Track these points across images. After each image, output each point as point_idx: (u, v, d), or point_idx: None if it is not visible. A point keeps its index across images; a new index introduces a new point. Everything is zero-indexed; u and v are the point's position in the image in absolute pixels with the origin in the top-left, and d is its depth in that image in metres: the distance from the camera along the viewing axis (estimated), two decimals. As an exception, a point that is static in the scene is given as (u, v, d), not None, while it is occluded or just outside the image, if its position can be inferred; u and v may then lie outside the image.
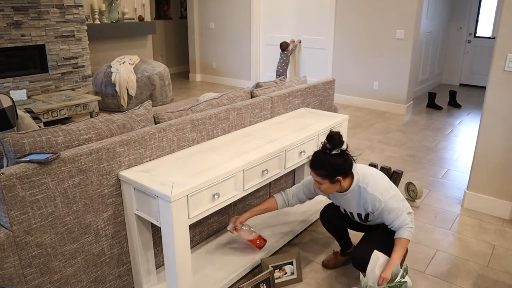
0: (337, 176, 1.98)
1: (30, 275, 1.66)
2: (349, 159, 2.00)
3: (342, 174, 1.99)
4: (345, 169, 1.99)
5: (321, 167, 1.98)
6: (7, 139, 1.64)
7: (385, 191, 2.03)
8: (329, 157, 1.96)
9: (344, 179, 2.02)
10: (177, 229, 1.72)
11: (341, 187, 2.04)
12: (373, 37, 5.75)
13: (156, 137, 2.01)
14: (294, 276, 2.30)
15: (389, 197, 2.02)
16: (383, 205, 2.01)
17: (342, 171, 1.98)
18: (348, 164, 1.99)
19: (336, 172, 1.97)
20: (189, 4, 7.66)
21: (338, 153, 1.97)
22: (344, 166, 1.97)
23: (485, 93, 2.88)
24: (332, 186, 2.02)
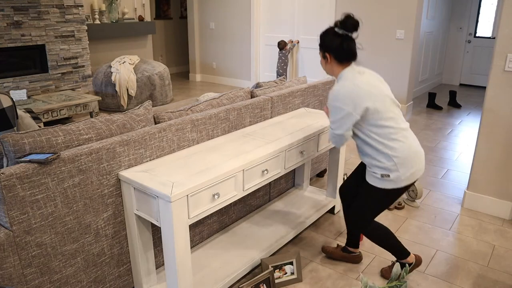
0: (326, 51, 1.99)
1: (30, 275, 1.66)
2: (347, 45, 1.94)
3: (332, 53, 1.97)
4: (337, 49, 1.95)
5: (320, 38, 2.02)
6: (7, 139, 1.64)
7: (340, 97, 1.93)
8: (331, 32, 1.96)
9: (334, 61, 2.00)
10: (177, 229, 1.72)
11: (332, 70, 2.04)
12: (373, 37, 5.75)
13: (156, 137, 2.01)
14: (294, 276, 2.30)
15: (335, 104, 1.95)
16: (328, 103, 2.00)
17: (333, 49, 1.95)
18: (343, 48, 1.94)
19: (327, 48, 1.98)
20: (189, 4, 7.66)
21: (340, 33, 1.94)
22: (337, 46, 1.94)
23: (485, 93, 2.88)
24: (323, 61, 2.05)
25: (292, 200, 3.00)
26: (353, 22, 1.91)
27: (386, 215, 3.05)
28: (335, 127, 1.98)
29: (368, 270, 2.43)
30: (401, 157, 1.96)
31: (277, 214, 2.80)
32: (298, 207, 2.91)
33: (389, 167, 1.98)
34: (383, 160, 1.98)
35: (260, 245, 2.45)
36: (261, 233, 2.58)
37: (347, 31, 1.94)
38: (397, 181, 1.99)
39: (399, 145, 1.96)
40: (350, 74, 1.96)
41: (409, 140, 2.00)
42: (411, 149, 1.99)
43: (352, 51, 1.96)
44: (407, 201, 3.23)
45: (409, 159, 1.98)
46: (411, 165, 1.99)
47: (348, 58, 1.98)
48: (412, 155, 1.99)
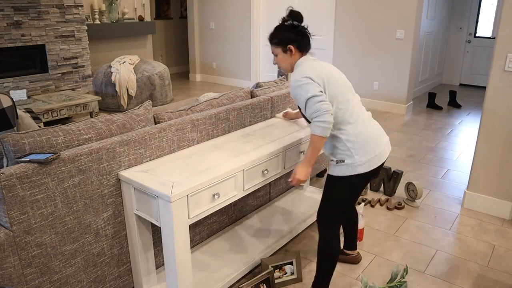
0: (289, 44, 1.97)
1: (30, 275, 1.66)
2: (303, 34, 1.98)
3: (294, 43, 1.97)
4: (298, 40, 1.97)
5: (275, 36, 2.00)
6: (7, 139, 1.64)
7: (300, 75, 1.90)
8: (284, 26, 1.99)
9: (296, 52, 1.99)
10: (177, 229, 1.72)
11: (291, 62, 2.01)
12: (373, 37, 5.75)
13: (156, 137, 2.01)
14: (294, 276, 2.30)
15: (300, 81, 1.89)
16: (293, 92, 1.93)
17: (294, 40, 1.96)
18: (302, 37, 1.97)
19: (288, 40, 1.97)
20: (189, 4, 7.66)
21: (294, 25, 1.98)
22: (296, 36, 1.97)
23: (485, 93, 2.88)
24: (286, 56, 2.00)
25: (292, 200, 3.00)
26: (298, 14, 1.99)
27: (386, 215, 3.05)
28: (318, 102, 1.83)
29: (368, 270, 2.43)
30: (355, 141, 1.90)
31: (277, 214, 2.80)
32: (298, 207, 2.91)
33: (344, 153, 1.92)
34: (338, 145, 1.93)
35: (260, 245, 2.45)
36: (261, 233, 2.58)
37: (297, 21, 1.99)
38: (353, 166, 1.91)
39: (354, 129, 1.91)
40: (305, 61, 1.97)
41: (366, 125, 1.95)
42: (368, 134, 1.93)
43: (308, 38, 2.01)
44: (407, 201, 3.23)
45: (365, 144, 1.91)
46: (367, 151, 1.91)
47: (307, 46, 2.01)
48: (370, 140, 1.92)
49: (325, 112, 1.81)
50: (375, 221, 2.97)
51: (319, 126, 1.83)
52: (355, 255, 2.47)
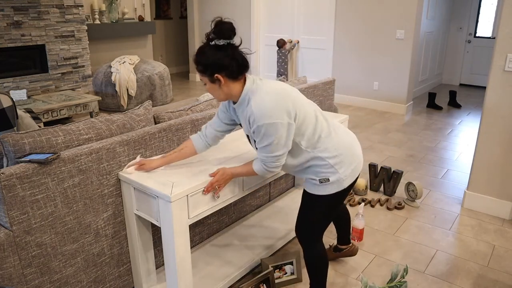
0: (215, 73, 1.60)
1: (30, 275, 1.66)
2: (237, 56, 1.61)
3: (223, 71, 1.60)
4: (227, 65, 1.60)
5: (199, 61, 1.63)
6: (7, 139, 1.64)
7: (267, 112, 1.59)
8: (208, 48, 1.60)
9: (230, 81, 1.64)
10: (177, 229, 1.72)
11: (229, 92, 1.67)
12: (373, 37, 5.75)
13: (156, 137, 2.01)
14: (294, 276, 2.30)
15: (266, 122, 1.59)
16: (254, 127, 1.63)
17: (223, 67, 1.60)
18: (235, 62, 1.61)
19: (214, 68, 1.60)
20: (189, 4, 7.66)
21: (221, 45, 1.59)
22: (225, 62, 1.59)
23: (485, 93, 2.88)
24: (215, 87, 1.66)
25: (292, 200, 3.00)
26: (228, 27, 1.58)
27: (386, 215, 3.05)
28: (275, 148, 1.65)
29: (368, 270, 2.43)
30: (337, 155, 1.76)
31: (277, 214, 2.80)
32: (298, 207, 2.91)
33: (327, 171, 1.76)
34: (319, 165, 1.76)
35: (260, 245, 2.45)
36: (261, 233, 2.58)
37: (227, 39, 1.59)
38: (339, 182, 1.78)
39: (331, 143, 1.76)
40: (255, 86, 1.67)
41: (340, 135, 1.81)
42: (343, 144, 1.79)
43: (244, 60, 1.64)
44: (407, 201, 3.23)
45: (346, 155, 1.78)
46: (349, 161, 1.79)
47: (243, 69, 1.65)
48: (346, 149, 1.79)
49: (277, 166, 1.72)
50: (375, 221, 2.97)
51: (263, 170, 1.73)
52: (350, 247, 2.46)
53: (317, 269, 1.98)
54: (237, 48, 1.64)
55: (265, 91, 1.64)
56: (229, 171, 1.83)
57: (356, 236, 2.69)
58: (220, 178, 1.81)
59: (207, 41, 1.61)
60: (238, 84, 1.67)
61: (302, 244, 1.97)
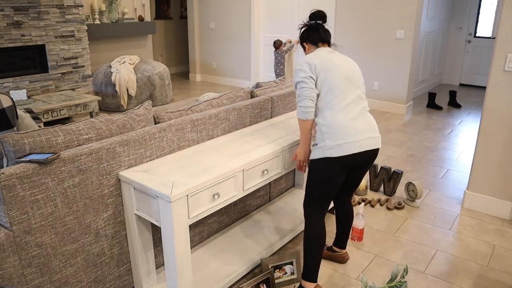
0: (303, 42, 2.21)
1: (30, 275, 1.66)
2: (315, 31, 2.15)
3: (306, 41, 2.19)
4: (307, 37, 2.17)
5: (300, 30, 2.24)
6: (7, 139, 1.64)
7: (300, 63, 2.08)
8: (301, 28, 2.22)
9: (310, 46, 2.19)
10: (177, 229, 1.72)
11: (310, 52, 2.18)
12: (373, 37, 5.75)
13: (156, 137, 2.01)
14: (294, 276, 2.30)
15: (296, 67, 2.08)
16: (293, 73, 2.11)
17: (305, 37, 2.19)
18: (312, 35, 2.15)
19: (302, 38, 2.20)
20: (189, 4, 7.66)
21: (310, 24, 2.18)
22: (308, 33, 2.17)
23: (485, 93, 2.88)
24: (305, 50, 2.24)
25: (292, 200, 3.00)
26: (319, 13, 2.16)
27: (386, 215, 3.05)
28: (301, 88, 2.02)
29: (368, 270, 2.43)
30: (329, 126, 1.99)
31: (277, 214, 2.80)
32: (298, 207, 2.91)
33: (319, 136, 2.03)
34: (316, 129, 2.07)
35: (260, 245, 2.45)
36: (261, 233, 2.58)
37: (314, 20, 2.17)
38: (322, 149, 2.00)
39: (331, 116, 2.00)
40: (317, 51, 2.11)
41: (347, 117, 2.00)
42: (344, 125, 1.98)
43: (318, 32, 2.14)
44: (407, 201, 3.23)
45: (337, 131, 1.97)
46: (338, 137, 1.97)
47: (317, 38, 2.15)
48: (343, 129, 1.98)
49: (305, 98, 2.00)
50: (375, 221, 2.97)
51: (299, 110, 2.03)
52: (343, 254, 2.47)
53: (311, 248, 2.11)
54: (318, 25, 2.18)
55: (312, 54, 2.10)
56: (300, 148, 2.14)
57: (356, 236, 2.69)
58: (300, 158, 2.15)
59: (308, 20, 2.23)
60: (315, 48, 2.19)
61: (305, 217, 2.18)
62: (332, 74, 2.01)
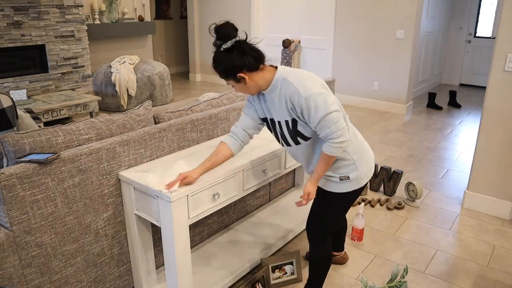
0: (237, 73, 1.67)
1: (30, 275, 1.66)
2: (247, 51, 1.66)
3: (243, 69, 1.66)
4: (242, 63, 1.65)
5: (218, 69, 1.70)
6: (7, 139, 1.64)
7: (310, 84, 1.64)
8: (220, 54, 1.66)
9: (252, 73, 1.68)
10: (177, 229, 1.72)
11: (256, 84, 1.72)
12: (373, 37, 5.75)
13: (156, 137, 2.01)
14: (294, 276, 2.30)
15: (313, 92, 1.62)
16: (303, 101, 1.63)
17: (239, 66, 1.65)
18: (246, 57, 1.65)
19: (233, 70, 1.66)
20: (189, 4, 7.66)
21: (229, 47, 1.64)
22: (239, 61, 1.64)
23: (485, 93, 2.88)
24: (242, 86, 1.72)
25: (292, 200, 3.00)
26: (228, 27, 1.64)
27: (386, 215, 3.05)
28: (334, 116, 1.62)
29: (368, 270, 2.43)
30: (358, 152, 1.79)
31: (277, 214, 2.80)
32: (298, 207, 2.91)
33: (349, 167, 1.78)
34: (342, 158, 1.77)
35: (260, 245, 2.45)
36: (261, 233, 2.58)
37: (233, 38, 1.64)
38: (357, 180, 1.81)
39: (355, 140, 1.79)
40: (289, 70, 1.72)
41: (358, 136, 1.85)
42: (365, 144, 1.86)
43: (256, 50, 1.69)
44: (407, 201, 3.23)
45: (365, 154, 1.83)
46: (367, 161, 1.83)
47: (259, 59, 1.70)
48: (367, 150, 1.85)
49: (342, 133, 1.64)
50: (375, 221, 2.97)
51: (338, 147, 1.66)
52: (342, 255, 2.47)
53: (320, 267, 2.02)
54: (245, 42, 1.68)
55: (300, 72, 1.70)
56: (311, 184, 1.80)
57: (356, 236, 2.69)
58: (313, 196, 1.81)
59: (216, 49, 1.67)
60: (262, 73, 1.72)
61: (310, 241, 2.00)
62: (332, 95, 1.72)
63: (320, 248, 1.99)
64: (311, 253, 2.03)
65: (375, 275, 2.40)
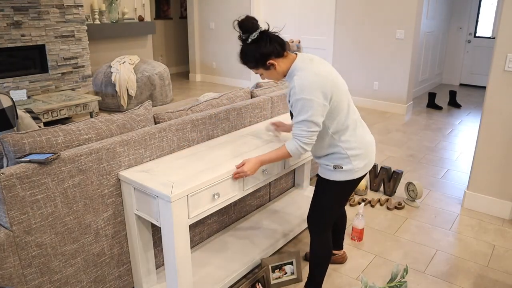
0: (266, 61, 1.79)
1: (30, 275, 1.66)
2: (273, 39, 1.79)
3: (272, 56, 1.79)
4: (271, 50, 1.78)
5: (247, 60, 1.82)
6: (7, 139, 1.64)
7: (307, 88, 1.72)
8: (249, 46, 1.78)
9: (278, 59, 1.81)
10: (177, 229, 1.72)
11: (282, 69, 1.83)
12: (373, 37, 5.75)
13: (156, 137, 2.01)
14: (294, 276, 2.30)
15: (305, 97, 1.72)
16: (293, 99, 1.76)
17: (268, 53, 1.78)
18: (273, 45, 1.78)
19: (263, 58, 1.79)
20: (189, 4, 7.66)
21: (256, 38, 1.76)
22: (268, 49, 1.77)
23: (485, 93, 2.88)
24: (272, 72, 1.84)
25: (292, 200, 3.00)
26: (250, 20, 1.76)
27: (386, 215, 3.05)
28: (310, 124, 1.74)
29: (368, 270, 2.44)
30: (355, 148, 1.86)
31: (277, 214, 2.80)
32: (298, 207, 2.91)
33: (342, 159, 1.87)
34: (335, 152, 1.87)
35: (260, 245, 2.45)
36: (261, 233, 2.58)
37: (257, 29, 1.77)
38: (351, 172, 1.88)
39: (354, 137, 1.86)
40: (303, 64, 1.80)
41: (360, 131, 1.91)
42: (364, 141, 1.90)
43: (279, 38, 1.82)
44: (407, 201, 3.23)
45: (362, 150, 1.88)
46: (363, 157, 1.89)
47: (283, 45, 1.82)
48: (364, 146, 1.90)
49: (310, 143, 1.78)
50: (375, 221, 2.97)
51: (297, 148, 1.80)
52: (342, 254, 2.47)
53: (320, 259, 2.07)
54: (269, 31, 1.81)
55: (310, 70, 1.76)
56: (255, 159, 1.88)
57: (356, 236, 2.69)
58: (250, 168, 1.87)
59: (243, 42, 1.79)
60: (286, 59, 1.83)
61: (311, 232, 2.07)
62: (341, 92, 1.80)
63: (320, 241, 2.04)
64: (312, 246, 2.08)
65: (375, 275, 2.40)
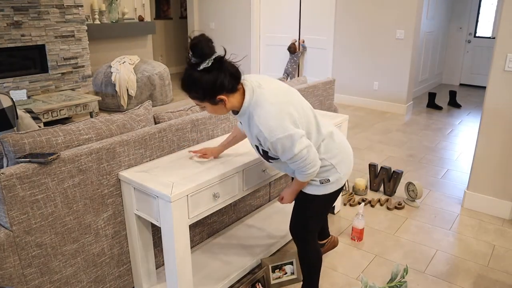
0: (217, 95, 1.52)
1: (30, 275, 1.66)
2: (230, 68, 1.53)
3: (223, 91, 1.53)
4: (225, 84, 1.51)
5: (192, 89, 1.53)
6: (7, 139, 1.64)
7: (275, 127, 1.54)
8: (198, 74, 1.49)
9: (230, 95, 1.56)
10: (177, 229, 1.72)
11: (232, 106, 1.60)
12: (373, 37, 5.75)
13: (156, 137, 2.01)
14: (294, 276, 2.31)
15: (279, 137, 1.55)
16: (269, 144, 1.59)
17: (221, 87, 1.51)
18: (228, 77, 1.52)
19: (213, 92, 1.51)
20: (189, 4, 7.66)
21: (210, 66, 1.48)
22: (221, 81, 1.50)
23: (485, 93, 2.88)
24: (219, 108, 1.59)
25: (292, 200, 3.00)
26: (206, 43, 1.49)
27: (386, 215, 3.05)
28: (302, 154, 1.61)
29: (368, 270, 2.44)
30: (337, 155, 1.79)
31: (277, 214, 2.80)
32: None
33: (328, 171, 1.78)
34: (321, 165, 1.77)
35: (260, 245, 2.45)
36: (261, 233, 2.58)
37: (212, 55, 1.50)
38: (338, 181, 1.82)
39: (333, 145, 1.79)
40: (255, 98, 1.58)
41: (338, 136, 1.86)
42: (343, 144, 1.85)
43: (236, 69, 1.56)
44: (407, 201, 3.23)
45: (344, 154, 1.83)
46: (346, 160, 1.84)
47: (238, 79, 1.58)
48: (345, 149, 1.85)
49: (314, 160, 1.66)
50: (375, 221, 2.97)
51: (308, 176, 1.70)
52: (331, 240, 2.45)
53: (312, 266, 2.02)
54: (225, 59, 1.54)
55: (268, 102, 1.57)
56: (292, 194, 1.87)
57: (356, 236, 2.69)
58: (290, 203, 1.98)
59: (191, 67, 1.50)
60: (237, 94, 1.60)
61: (298, 243, 1.99)
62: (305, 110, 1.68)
63: (309, 246, 1.98)
64: (300, 253, 2.01)
65: (375, 275, 2.40)
